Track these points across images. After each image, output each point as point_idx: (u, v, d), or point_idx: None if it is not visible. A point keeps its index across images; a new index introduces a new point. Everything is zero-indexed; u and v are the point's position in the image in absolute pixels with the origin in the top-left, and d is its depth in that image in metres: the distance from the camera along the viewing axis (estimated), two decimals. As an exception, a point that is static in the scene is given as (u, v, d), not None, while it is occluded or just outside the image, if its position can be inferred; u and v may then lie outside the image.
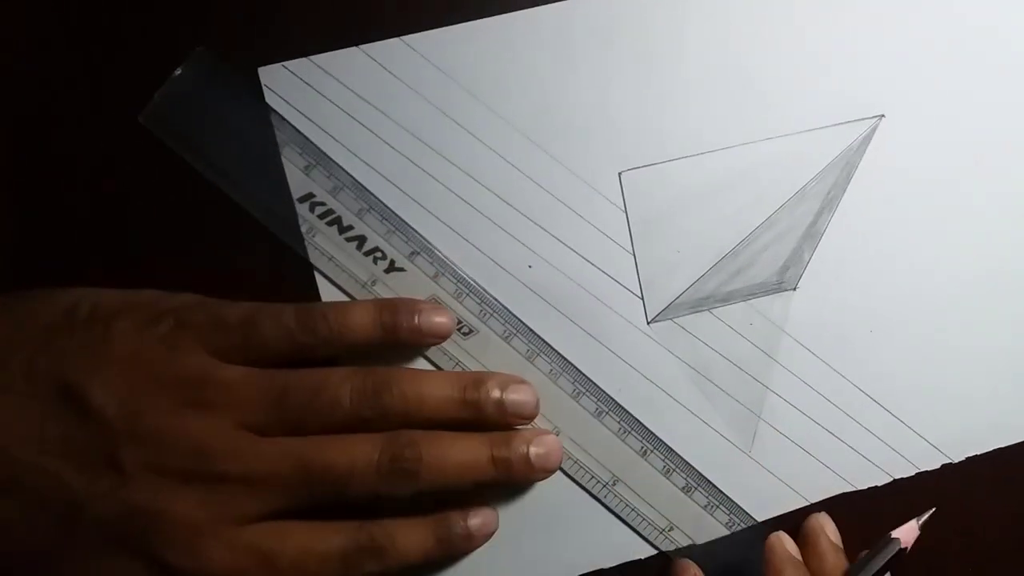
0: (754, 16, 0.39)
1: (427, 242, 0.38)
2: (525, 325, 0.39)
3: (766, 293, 0.40)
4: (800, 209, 0.40)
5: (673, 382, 0.40)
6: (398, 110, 0.38)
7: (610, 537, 0.40)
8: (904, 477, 0.41)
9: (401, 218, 0.38)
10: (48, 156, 0.37)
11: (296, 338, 0.35)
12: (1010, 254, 0.41)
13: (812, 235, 0.40)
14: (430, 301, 0.38)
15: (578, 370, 0.39)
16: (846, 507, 0.40)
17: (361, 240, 0.38)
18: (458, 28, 0.38)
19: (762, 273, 0.40)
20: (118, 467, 0.33)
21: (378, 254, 0.38)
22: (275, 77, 0.38)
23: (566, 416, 0.39)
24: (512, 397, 0.37)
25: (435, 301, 0.38)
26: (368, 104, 0.38)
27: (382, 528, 0.35)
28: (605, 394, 0.39)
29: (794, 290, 0.40)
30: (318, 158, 0.38)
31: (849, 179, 0.40)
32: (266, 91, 0.38)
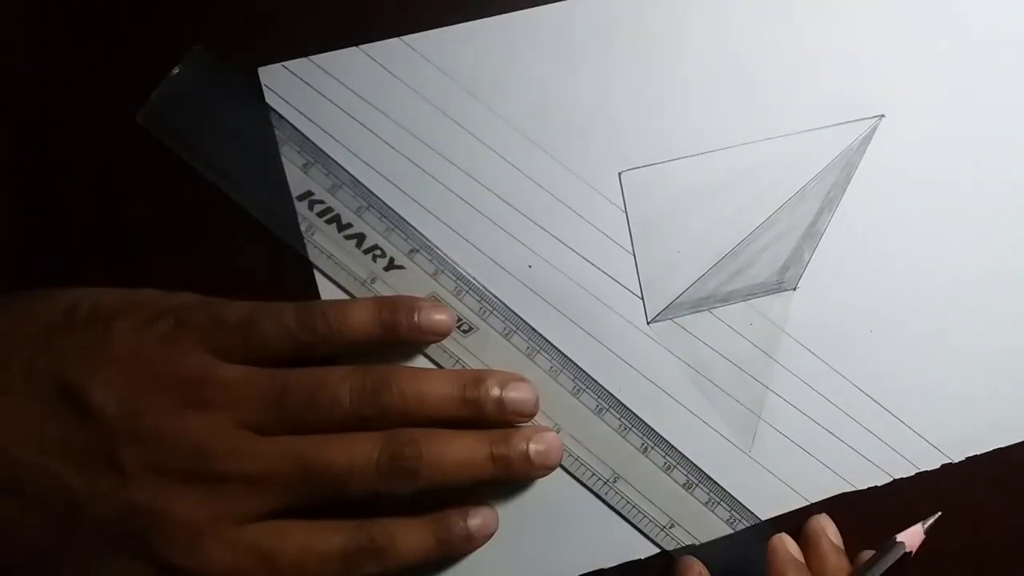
0: (754, 16, 0.39)
1: (426, 239, 0.38)
2: (525, 322, 0.39)
3: (766, 293, 0.40)
4: (800, 209, 0.40)
5: (673, 382, 0.40)
6: (398, 110, 0.38)
7: (611, 535, 0.40)
8: (904, 477, 0.41)
9: (400, 215, 0.38)
10: (48, 156, 0.37)
11: (296, 337, 0.35)
12: (1010, 254, 0.41)
13: (812, 235, 0.40)
14: (430, 299, 0.38)
15: (578, 367, 0.39)
16: (846, 507, 0.40)
17: (360, 238, 0.38)
18: (458, 28, 0.38)
19: (762, 273, 0.40)
20: (118, 467, 0.33)
21: (377, 252, 0.38)
22: (275, 77, 0.38)
23: (566, 413, 0.39)
24: (512, 395, 0.37)
25: (435, 299, 0.38)
26: (368, 104, 0.38)
27: (382, 528, 0.35)
28: (605, 391, 0.39)
29: (794, 290, 0.40)
30: (316, 156, 0.38)
31: (849, 179, 0.40)
32: (266, 91, 0.38)
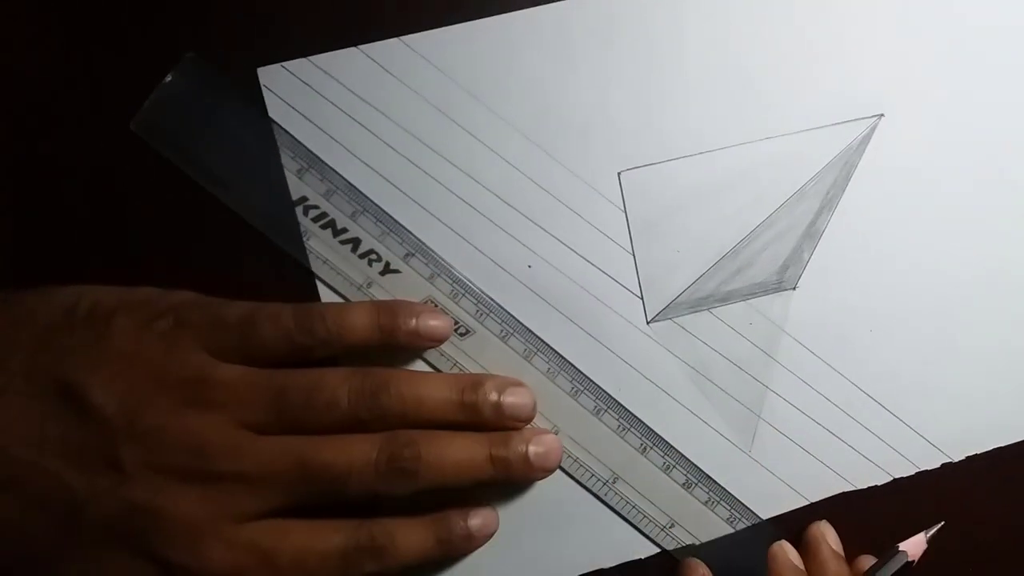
0: (754, 16, 0.39)
1: (422, 243, 0.38)
2: (522, 324, 0.39)
3: (766, 293, 0.40)
4: (800, 208, 0.40)
5: (673, 382, 0.40)
6: (398, 110, 0.38)
7: (611, 535, 0.40)
8: (904, 477, 0.41)
9: (395, 219, 0.38)
10: (48, 156, 0.37)
11: (294, 339, 0.35)
12: (1010, 254, 0.41)
13: (812, 235, 0.40)
14: (427, 304, 0.38)
15: (576, 368, 0.39)
16: (846, 506, 0.40)
17: (356, 243, 0.38)
18: (458, 28, 0.38)
19: (762, 273, 0.40)
20: (118, 466, 0.33)
21: (373, 256, 0.38)
22: (274, 77, 0.38)
23: (565, 414, 0.39)
24: (509, 400, 0.37)
25: (431, 303, 0.38)
26: (367, 104, 0.38)
27: (382, 527, 0.35)
28: (603, 392, 0.39)
29: (794, 290, 0.40)
30: (311, 162, 0.38)
31: (848, 178, 0.40)
32: (265, 92, 0.38)
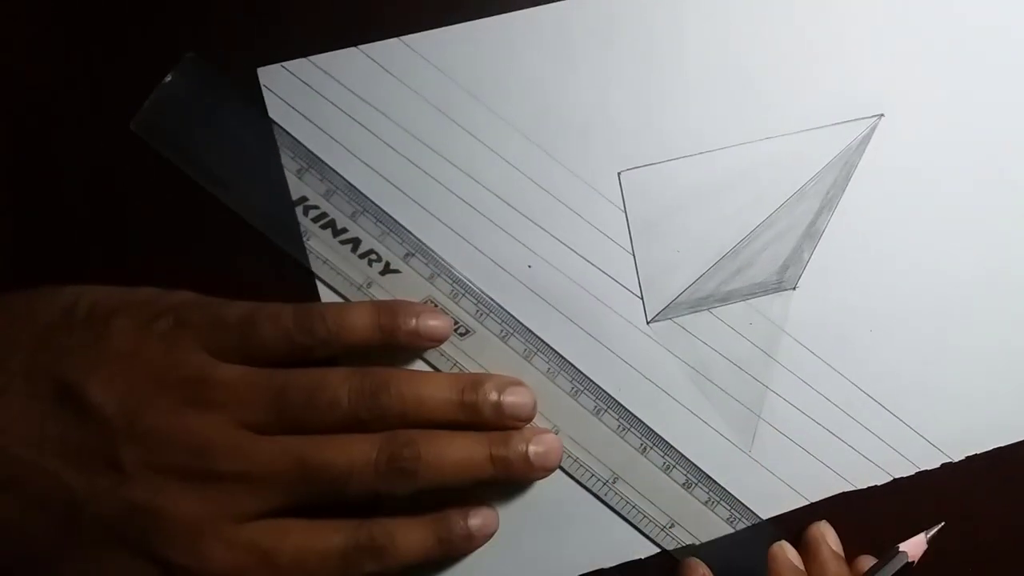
0: (754, 16, 0.39)
1: (422, 243, 0.38)
2: (522, 324, 0.39)
3: (766, 293, 0.40)
4: (800, 208, 0.40)
5: (673, 382, 0.40)
6: (398, 110, 0.38)
7: (611, 535, 0.40)
8: (904, 476, 0.41)
9: (395, 219, 0.38)
10: (48, 156, 0.37)
11: (294, 339, 0.35)
12: (1010, 254, 0.41)
13: (812, 234, 0.40)
14: (427, 304, 0.38)
15: (576, 368, 0.39)
16: (846, 506, 0.40)
17: (355, 243, 0.38)
18: (458, 28, 0.38)
19: (762, 273, 0.40)
20: (117, 466, 0.33)
21: (373, 256, 0.38)
22: (274, 78, 0.38)
23: (565, 414, 0.39)
24: (509, 399, 0.37)
25: (431, 303, 0.38)
26: (367, 104, 0.38)
27: (382, 527, 0.35)
28: (603, 392, 0.39)
29: (794, 290, 0.40)
30: (311, 162, 0.38)
31: (848, 178, 0.40)
32: (265, 92, 0.38)
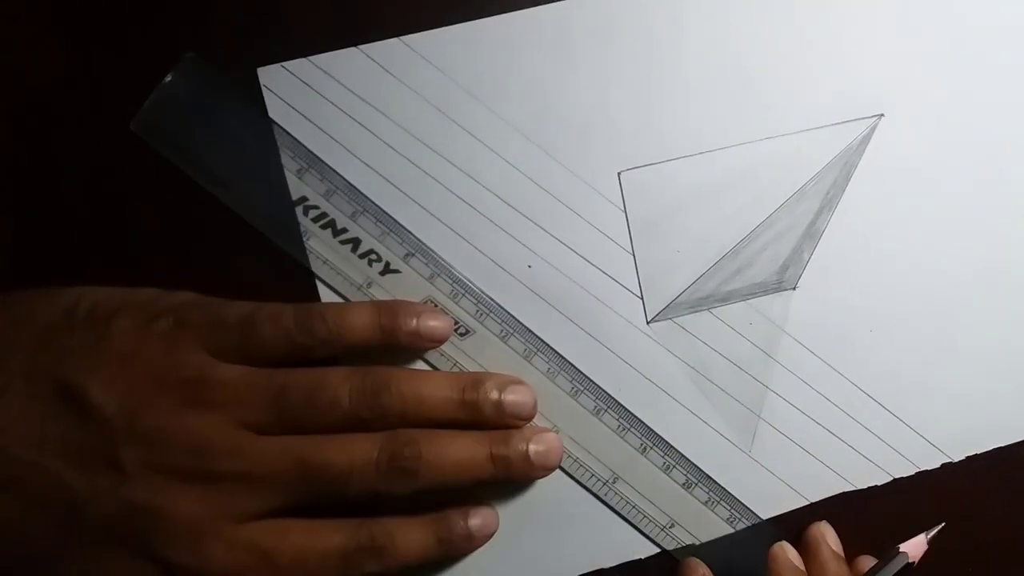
0: (754, 16, 0.39)
1: (422, 243, 0.38)
2: (522, 324, 0.39)
3: (766, 293, 0.40)
4: (800, 208, 0.40)
5: (673, 382, 0.40)
6: (397, 110, 0.38)
7: (611, 535, 0.40)
8: (904, 476, 0.41)
9: (395, 219, 0.38)
10: (48, 156, 0.37)
11: (294, 339, 0.35)
12: (1010, 254, 0.41)
13: (812, 234, 0.40)
14: (428, 304, 0.38)
15: (576, 368, 0.39)
16: (846, 506, 0.40)
17: (355, 243, 0.38)
18: (458, 28, 0.38)
19: (762, 273, 0.40)
20: (118, 466, 0.33)
21: (373, 256, 0.38)
22: (274, 78, 0.38)
23: (565, 414, 0.39)
24: (510, 398, 0.37)
25: (431, 303, 0.38)
26: (367, 105, 0.38)
27: (382, 527, 0.35)
28: (603, 392, 0.39)
29: (794, 290, 0.40)
30: (311, 162, 0.38)
31: (848, 178, 0.40)
32: (265, 92, 0.38)
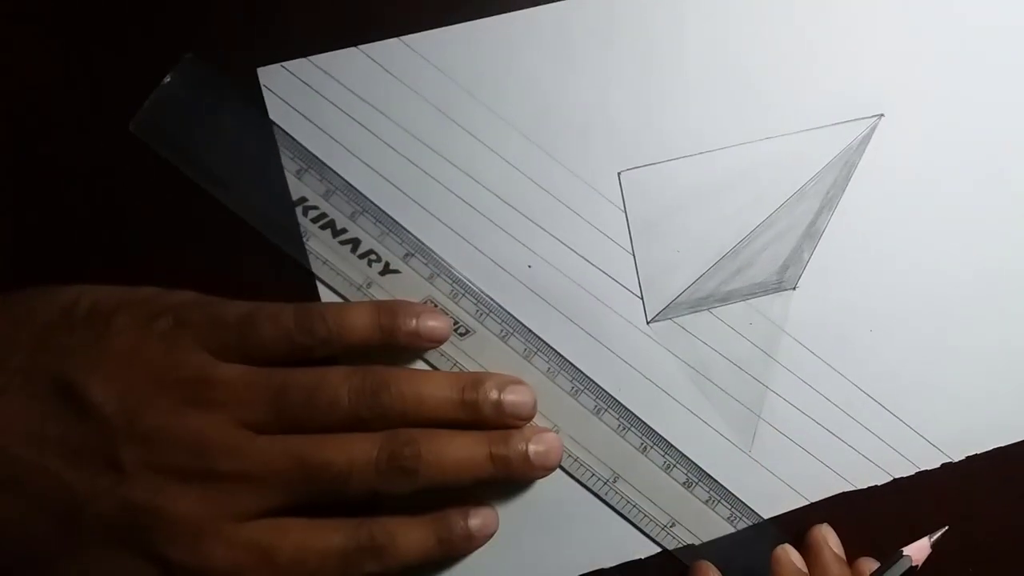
0: (754, 16, 0.39)
1: (421, 243, 0.38)
2: (522, 324, 0.39)
3: (766, 293, 0.40)
4: (800, 208, 0.40)
5: (673, 382, 0.40)
6: (397, 110, 0.38)
7: (611, 535, 0.40)
8: (904, 477, 0.41)
9: (395, 220, 0.38)
10: (48, 156, 0.37)
11: (294, 339, 0.35)
12: (1010, 254, 0.41)
13: (812, 234, 0.40)
14: (428, 304, 0.38)
15: (576, 368, 0.39)
16: (846, 506, 0.40)
17: (355, 243, 0.38)
18: (458, 28, 0.38)
19: (762, 273, 0.40)
20: (118, 465, 0.33)
21: (372, 256, 0.38)
22: (274, 78, 0.38)
23: (565, 414, 0.39)
24: (510, 398, 0.37)
25: (431, 303, 0.38)
26: (367, 104, 0.38)
27: (382, 526, 0.35)
28: (604, 391, 0.39)
29: (794, 290, 0.40)
30: (310, 162, 0.38)
31: (848, 178, 0.40)
32: (265, 92, 0.38)
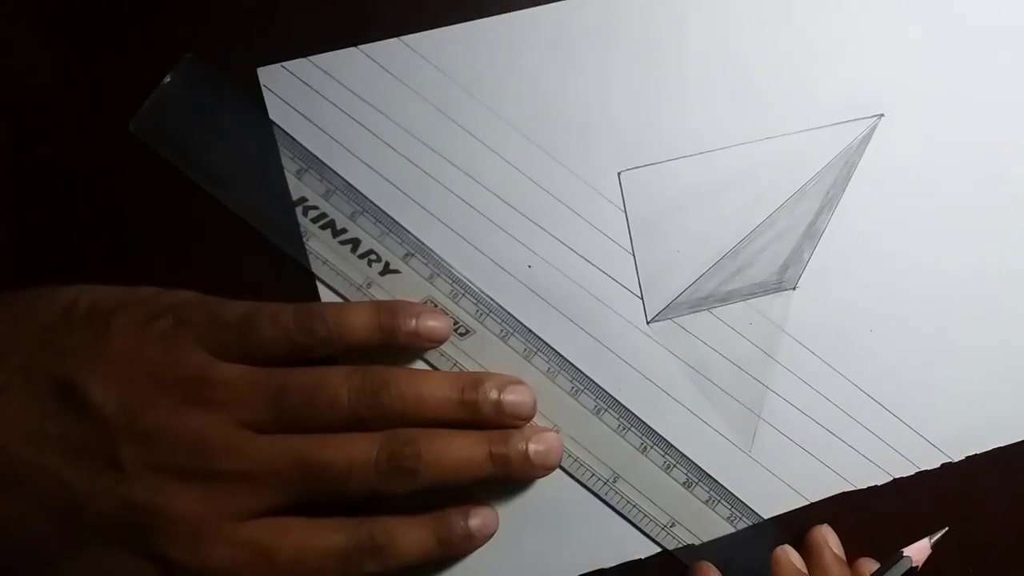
0: (754, 16, 0.39)
1: (422, 243, 0.38)
2: (522, 324, 0.39)
3: (766, 293, 0.40)
4: (800, 208, 0.40)
5: (673, 382, 0.40)
6: (397, 110, 0.38)
7: (611, 535, 0.40)
8: (904, 476, 0.41)
9: (395, 220, 0.38)
10: (48, 156, 0.37)
11: (294, 338, 0.35)
12: (1010, 254, 0.41)
13: (812, 234, 0.40)
14: (428, 304, 0.38)
15: (576, 368, 0.39)
16: (846, 506, 0.40)
17: (355, 243, 0.38)
18: (458, 28, 0.38)
19: (762, 273, 0.40)
20: (118, 465, 0.33)
21: (372, 256, 0.38)
22: (274, 78, 0.38)
23: (565, 414, 0.39)
24: (509, 398, 0.37)
25: (431, 303, 0.38)
26: (367, 104, 0.38)
27: (382, 526, 0.35)
28: (603, 391, 0.39)
29: (794, 290, 0.40)
30: (310, 162, 0.38)
31: (848, 178, 0.40)
32: (265, 92, 0.38)
